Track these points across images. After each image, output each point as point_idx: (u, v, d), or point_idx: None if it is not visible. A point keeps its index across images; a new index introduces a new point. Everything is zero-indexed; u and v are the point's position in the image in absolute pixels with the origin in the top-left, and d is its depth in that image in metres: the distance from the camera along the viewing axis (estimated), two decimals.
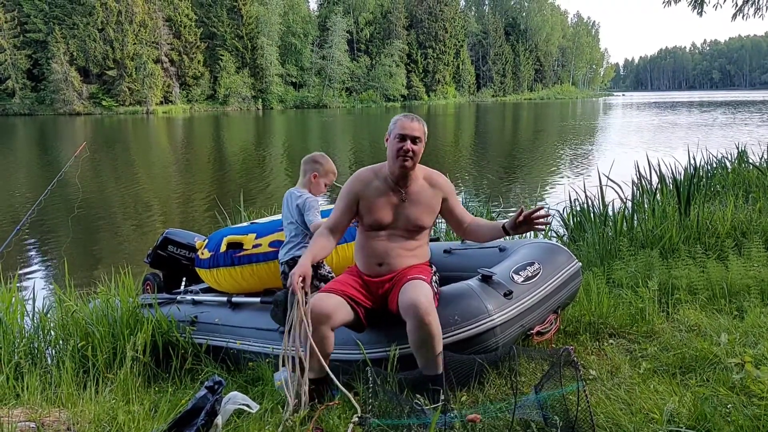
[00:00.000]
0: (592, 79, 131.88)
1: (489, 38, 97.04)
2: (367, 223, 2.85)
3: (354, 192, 2.86)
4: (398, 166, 2.77)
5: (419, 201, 2.85)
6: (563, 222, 6.31)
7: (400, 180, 2.84)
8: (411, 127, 2.77)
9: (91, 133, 35.66)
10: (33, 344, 3.67)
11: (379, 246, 2.84)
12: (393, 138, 2.79)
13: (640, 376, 2.84)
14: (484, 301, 2.82)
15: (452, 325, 2.76)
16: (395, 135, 2.77)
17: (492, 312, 2.79)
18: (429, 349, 2.63)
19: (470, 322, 2.76)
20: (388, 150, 2.81)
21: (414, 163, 2.79)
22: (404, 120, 2.80)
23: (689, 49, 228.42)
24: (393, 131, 2.80)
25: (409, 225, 2.84)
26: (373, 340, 2.89)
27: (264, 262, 3.60)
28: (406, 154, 2.74)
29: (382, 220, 2.81)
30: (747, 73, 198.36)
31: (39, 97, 56.49)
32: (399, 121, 2.81)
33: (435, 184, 2.92)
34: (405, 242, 2.86)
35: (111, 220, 9.92)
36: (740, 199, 6.01)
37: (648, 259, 4.35)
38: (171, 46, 62.23)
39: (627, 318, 3.56)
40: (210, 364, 3.44)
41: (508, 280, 3.01)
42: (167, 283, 4.35)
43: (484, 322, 2.76)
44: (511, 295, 2.91)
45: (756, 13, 10.24)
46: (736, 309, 3.73)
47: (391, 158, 2.80)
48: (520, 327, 2.92)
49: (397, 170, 2.79)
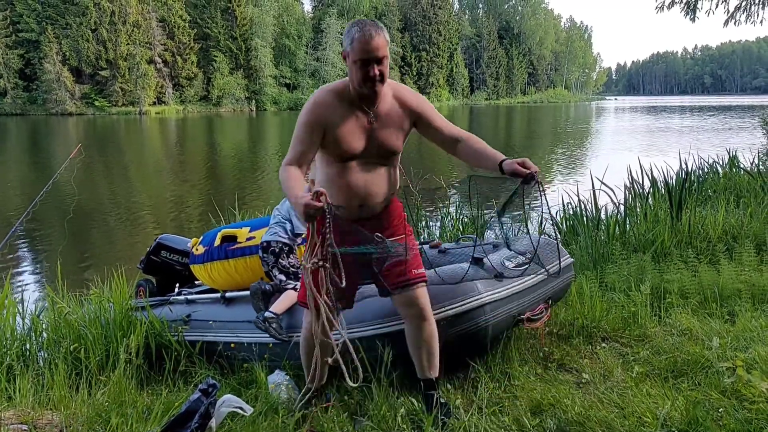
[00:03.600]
0: (585, 83, 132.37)
1: (483, 41, 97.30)
2: (336, 154, 2.42)
3: (318, 119, 2.39)
4: (367, 92, 2.37)
5: (390, 122, 2.46)
6: (556, 226, 6.32)
7: (367, 100, 2.42)
8: (372, 47, 2.27)
9: (84, 133, 35.50)
10: (25, 346, 3.65)
11: (355, 180, 2.45)
12: (352, 62, 2.32)
13: (632, 379, 2.87)
14: (475, 281, 2.90)
15: (443, 300, 2.82)
16: (355, 59, 2.31)
17: (481, 291, 2.87)
18: (426, 353, 2.63)
19: (460, 299, 2.81)
20: (351, 74, 2.36)
21: (384, 83, 2.38)
22: (363, 36, 2.27)
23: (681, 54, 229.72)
24: (351, 54, 2.32)
25: (382, 150, 2.46)
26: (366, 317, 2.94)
27: (258, 254, 3.61)
28: (374, 81, 2.33)
29: (354, 148, 2.41)
30: (738, 78, 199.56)
31: (31, 97, 56.16)
32: (356, 39, 2.28)
33: (404, 103, 2.50)
34: (381, 171, 2.50)
35: (104, 222, 9.88)
36: (731, 204, 6.05)
37: (640, 263, 4.37)
38: (164, 47, 62.02)
39: (619, 322, 3.58)
40: (203, 366, 3.44)
41: (500, 265, 3.11)
42: (160, 289, 4.33)
43: (474, 299, 2.83)
44: (501, 277, 2.99)
45: (748, 19, 10.36)
46: (728, 313, 3.77)
47: (356, 82, 2.35)
48: (510, 309, 2.98)
49: (366, 95, 2.40)
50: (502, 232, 2.51)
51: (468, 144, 2.52)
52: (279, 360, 3.19)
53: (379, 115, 2.44)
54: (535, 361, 3.17)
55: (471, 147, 2.51)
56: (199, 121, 47.48)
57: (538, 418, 2.57)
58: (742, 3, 10.37)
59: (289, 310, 3.27)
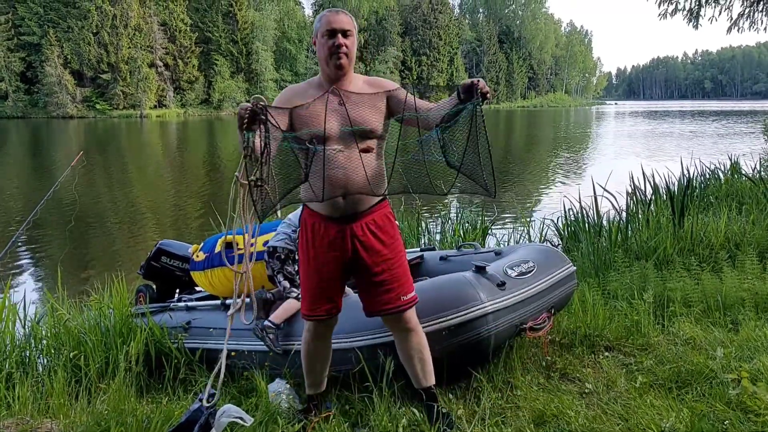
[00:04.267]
0: (585, 88, 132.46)
1: (483, 46, 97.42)
2: (310, 137, 2.38)
3: (286, 101, 2.47)
4: (333, 66, 2.42)
5: (362, 101, 2.44)
6: (558, 231, 6.31)
7: (335, 82, 2.46)
8: (339, 20, 2.41)
9: (85, 137, 35.51)
10: (25, 353, 3.62)
11: (334, 166, 2.35)
12: (321, 37, 2.42)
13: (636, 390, 2.84)
14: (477, 290, 2.87)
15: (445, 309, 2.80)
16: (323, 33, 2.41)
17: (484, 300, 2.84)
18: (418, 362, 2.62)
19: (462, 308, 2.79)
20: (319, 52, 2.45)
21: (349, 60, 2.44)
22: (329, 14, 2.44)
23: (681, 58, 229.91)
24: (319, 30, 2.43)
25: (357, 129, 2.39)
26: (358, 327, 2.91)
27: (258, 261, 3.59)
28: (338, 50, 2.39)
29: (326, 128, 2.36)
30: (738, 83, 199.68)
31: (32, 100, 56.24)
32: (324, 17, 2.44)
33: (375, 83, 2.55)
34: (361, 156, 2.39)
35: (105, 227, 9.85)
36: (734, 211, 6.03)
37: (643, 271, 4.35)
38: (166, 51, 62.14)
39: (622, 330, 3.56)
40: (203, 374, 3.41)
41: (502, 273, 3.08)
42: (160, 295, 4.32)
43: (477, 308, 2.81)
44: (504, 286, 2.96)
45: (751, 26, 10.37)
46: (731, 322, 3.74)
47: (323, 60, 2.44)
48: (513, 318, 2.95)
49: (333, 71, 2.44)
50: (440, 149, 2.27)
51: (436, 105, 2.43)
52: (279, 368, 3.17)
53: (349, 96, 2.43)
54: (538, 371, 3.14)
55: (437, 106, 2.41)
56: (200, 125, 47.50)
57: (541, 429, 2.55)
58: (746, 10, 10.38)
59: (289, 319, 3.25)
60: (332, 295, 2.57)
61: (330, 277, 2.52)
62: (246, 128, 2.18)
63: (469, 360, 2.99)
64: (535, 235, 6.22)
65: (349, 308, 2.74)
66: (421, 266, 3.93)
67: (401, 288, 2.54)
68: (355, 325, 2.88)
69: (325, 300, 2.56)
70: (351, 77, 2.51)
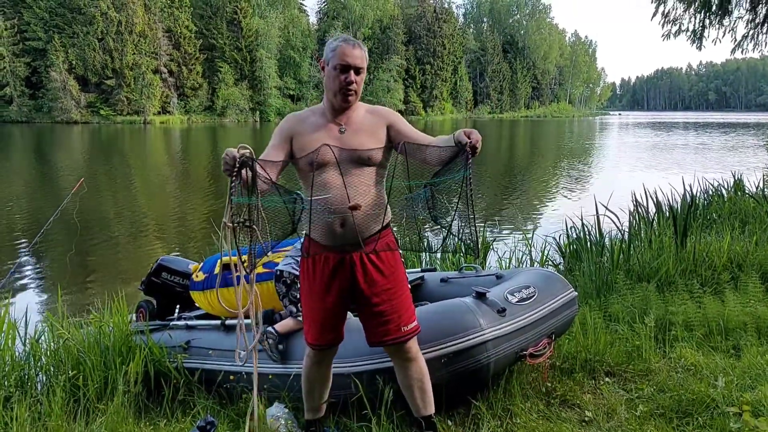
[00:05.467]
0: (589, 98, 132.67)
1: (487, 55, 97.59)
2: (307, 163, 2.39)
3: (287, 128, 2.50)
4: (340, 101, 2.41)
5: (362, 129, 2.45)
6: (559, 250, 6.29)
7: (339, 113, 2.47)
8: (353, 55, 2.35)
9: (89, 142, 35.60)
10: (24, 371, 3.61)
11: (331, 192, 2.35)
12: (331, 68, 2.38)
13: (636, 420, 2.82)
14: (477, 316, 2.85)
15: (445, 336, 2.78)
16: (335, 65, 2.36)
17: (484, 326, 2.82)
18: (418, 391, 2.60)
19: (462, 335, 2.77)
20: (327, 81, 2.42)
21: (357, 96, 2.43)
22: (345, 46, 2.36)
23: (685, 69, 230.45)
24: (331, 60, 2.38)
25: (355, 155, 2.39)
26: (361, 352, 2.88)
27: (257, 282, 3.57)
28: (348, 88, 2.37)
29: (322, 154, 2.36)
30: (743, 95, 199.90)
31: (37, 105, 56.42)
32: (339, 48, 2.36)
33: (376, 113, 2.53)
34: (360, 183, 2.38)
35: (107, 241, 9.82)
36: (737, 230, 6.01)
37: (645, 294, 4.33)
38: (170, 57, 62.37)
39: (623, 355, 3.55)
40: (202, 395, 3.40)
41: (503, 299, 3.06)
42: (160, 311, 4.32)
43: (476, 335, 2.79)
44: (505, 312, 2.94)
45: (755, 48, 10.41)
46: (733, 347, 3.73)
47: (331, 92, 2.42)
48: (513, 345, 2.93)
49: (338, 105, 2.43)
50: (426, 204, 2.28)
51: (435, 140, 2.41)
52: (278, 391, 3.15)
53: (349, 124, 2.46)
54: (538, 397, 3.13)
55: (437, 141, 2.38)
56: (203, 132, 47.60)
57: None
58: (750, 32, 10.40)
59: (289, 339, 3.23)
60: (335, 324, 2.57)
61: (331, 306, 2.51)
62: (233, 175, 2.17)
63: (468, 387, 2.97)
64: (536, 254, 6.19)
65: (348, 333, 2.72)
66: (422, 288, 3.92)
67: (401, 319, 2.52)
68: (355, 350, 2.87)
69: (329, 329, 2.55)
70: (355, 107, 2.50)
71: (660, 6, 10.76)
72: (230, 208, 2.25)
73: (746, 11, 10.44)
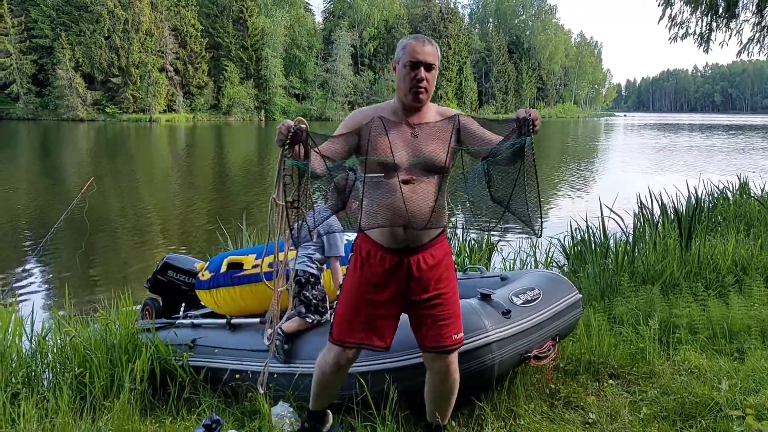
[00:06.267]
0: (594, 99, 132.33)
1: (492, 55, 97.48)
2: (377, 164, 2.31)
3: (357, 122, 2.39)
4: (411, 100, 2.34)
5: (434, 135, 2.36)
6: (564, 251, 6.30)
7: (410, 112, 2.40)
8: (423, 52, 2.29)
9: (95, 140, 35.71)
10: (31, 368, 3.64)
11: (398, 196, 2.28)
12: (402, 66, 2.32)
13: (640, 422, 2.83)
14: (482, 318, 2.86)
15: None
16: (405, 62, 2.30)
17: (489, 328, 2.83)
18: (444, 402, 2.62)
19: (467, 337, 2.77)
20: (398, 81, 2.35)
21: (428, 95, 2.35)
22: (415, 43, 2.31)
23: (691, 71, 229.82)
24: (402, 58, 2.32)
25: (427, 163, 2.32)
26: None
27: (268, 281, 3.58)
28: (419, 84, 2.30)
29: (395, 157, 2.30)
30: (749, 97, 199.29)
31: (43, 103, 56.59)
32: (409, 45, 2.31)
33: (446, 115, 2.45)
34: (426, 190, 2.33)
35: (113, 239, 9.88)
36: (741, 233, 6.01)
37: (649, 296, 4.34)
38: (176, 56, 62.50)
39: (627, 358, 3.55)
40: (207, 393, 3.42)
41: (507, 301, 3.07)
42: (166, 309, 4.34)
43: (481, 337, 2.80)
44: (509, 314, 2.95)
45: (761, 51, 10.40)
46: (737, 350, 3.73)
47: (402, 91, 2.35)
48: (518, 347, 2.94)
49: (410, 104, 2.36)
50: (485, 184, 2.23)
51: None
52: (283, 390, 3.17)
53: (422, 129, 2.37)
54: (541, 398, 3.14)
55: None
56: (209, 130, 47.69)
57: None
58: (756, 35, 10.40)
59: (294, 341, 3.25)
60: (374, 326, 2.48)
61: (380, 303, 2.45)
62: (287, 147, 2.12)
63: (473, 388, 2.98)
64: (541, 255, 6.20)
65: None
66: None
67: (453, 326, 2.50)
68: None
69: (362, 327, 2.47)
70: (426, 107, 2.43)
71: (667, 9, 10.75)
72: (280, 185, 2.19)
73: (753, 14, 10.45)
